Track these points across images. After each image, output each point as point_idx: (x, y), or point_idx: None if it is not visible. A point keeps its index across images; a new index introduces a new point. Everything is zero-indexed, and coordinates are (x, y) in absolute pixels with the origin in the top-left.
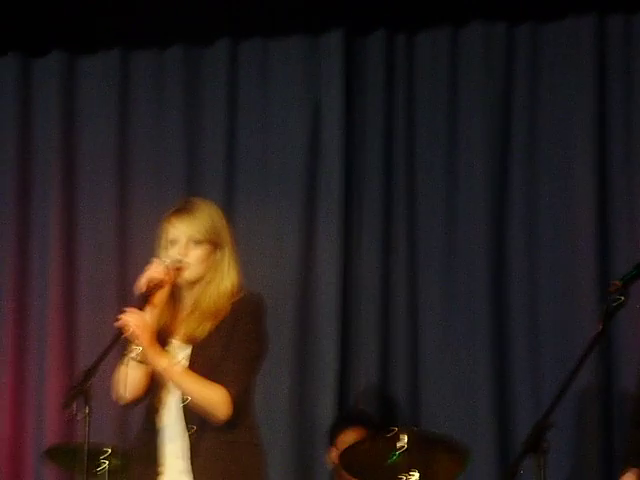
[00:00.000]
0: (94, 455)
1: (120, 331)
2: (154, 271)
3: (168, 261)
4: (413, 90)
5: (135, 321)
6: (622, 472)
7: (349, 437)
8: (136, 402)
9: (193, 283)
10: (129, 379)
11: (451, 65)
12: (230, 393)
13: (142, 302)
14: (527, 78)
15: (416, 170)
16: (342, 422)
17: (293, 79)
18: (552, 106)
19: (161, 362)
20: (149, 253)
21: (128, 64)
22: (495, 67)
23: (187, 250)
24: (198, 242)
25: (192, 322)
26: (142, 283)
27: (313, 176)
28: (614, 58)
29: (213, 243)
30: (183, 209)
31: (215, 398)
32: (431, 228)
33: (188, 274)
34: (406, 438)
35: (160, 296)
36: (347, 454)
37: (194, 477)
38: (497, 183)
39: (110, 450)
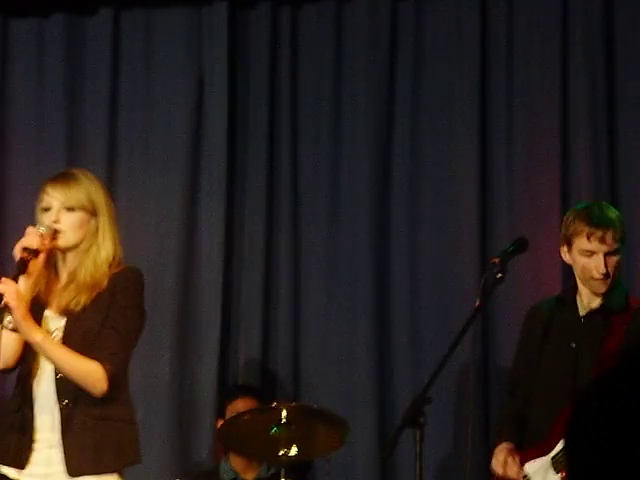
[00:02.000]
0: None
1: None
2: (29, 239)
3: (42, 229)
4: (298, 63)
5: (9, 291)
6: (497, 444)
7: (239, 407)
8: (8, 371)
9: (68, 252)
10: (3, 347)
11: (336, 37)
12: (107, 368)
13: (17, 271)
14: (411, 50)
15: (300, 142)
16: (233, 392)
17: (177, 51)
18: (435, 76)
19: (35, 335)
20: (27, 223)
21: (7, 32)
22: (380, 39)
23: (59, 216)
24: (71, 209)
25: (68, 293)
26: (17, 251)
27: (197, 150)
28: (496, 29)
29: (88, 211)
30: (57, 177)
31: (91, 373)
32: (314, 198)
33: (62, 241)
34: (286, 412)
35: (35, 265)
36: (227, 427)
37: (65, 451)
38: (381, 152)
39: None
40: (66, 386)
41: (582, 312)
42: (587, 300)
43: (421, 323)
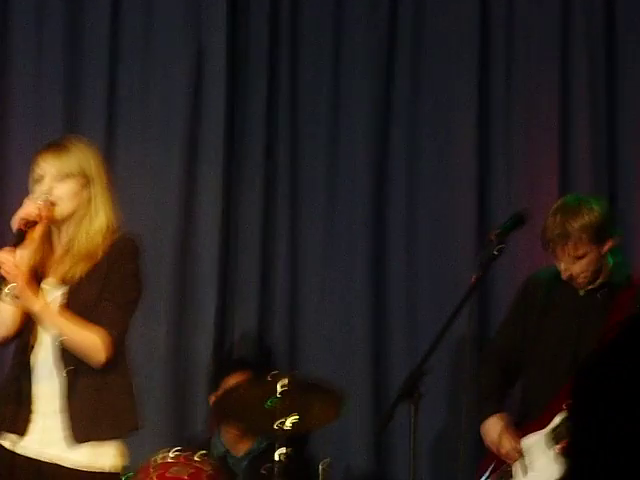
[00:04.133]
0: None
1: None
2: (26, 210)
3: (40, 199)
4: (298, 34)
5: (8, 261)
6: (484, 416)
7: (231, 382)
8: (7, 341)
9: (64, 221)
10: (2, 317)
11: (336, 5)
12: (106, 339)
13: (17, 240)
14: (412, 23)
15: (299, 113)
16: (228, 367)
17: (176, 24)
18: (434, 51)
19: (36, 303)
20: (27, 193)
21: (7, 3)
22: (379, 25)
23: (53, 185)
24: (65, 177)
25: (66, 262)
26: (16, 221)
27: (195, 120)
28: (497, 11)
29: (82, 179)
30: (50, 146)
31: (92, 342)
32: (313, 172)
33: (58, 210)
34: (283, 383)
35: (34, 234)
36: (223, 399)
37: (67, 417)
38: (378, 136)
39: None
40: (70, 354)
41: (581, 291)
42: None
43: (418, 297)
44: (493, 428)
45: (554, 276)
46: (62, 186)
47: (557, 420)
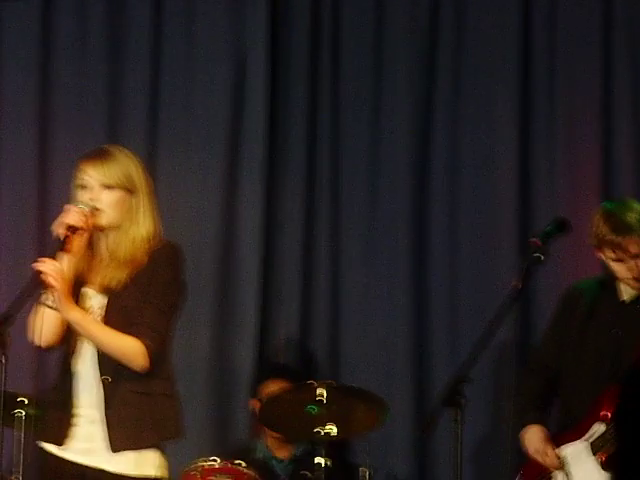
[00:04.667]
0: (10, 404)
1: (37, 278)
2: (70, 216)
3: (83, 206)
4: (339, 43)
5: (51, 269)
6: (524, 425)
7: (271, 389)
8: (51, 349)
9: (108, 230)
10: (44, 326)
11: (377, 17)
12: (147, 344)
13: (58, 249)
14: (453, 32)
15: (340, 118)
16: (264, 374)
17: (218, 30)
18: (476, 59)
19: (74, 314)
20: (68, 202)
21: (51, 11)
22: (421, 26)
23: (98, 195)
24: (109, 187)
25: (108, 271)
26: (59, 227)
27: (237, 129)
28: (538, 13)
29: (126, 189)
30: (94, 154)
31: (130, 350)
32: (354, 186)
33: (102, 219)
34: (324, 391)
35: (77, 243)
36: (266, 406)
37: (108, 427)
38: (420, 137)
39: (26, 400)
40: (107, 362)
41: (626, 297)
42: (628, 287)
43: (460, 303)
44: (535, 437)
45: (596, 285)
46: (107, 195)
47: (596, 428)
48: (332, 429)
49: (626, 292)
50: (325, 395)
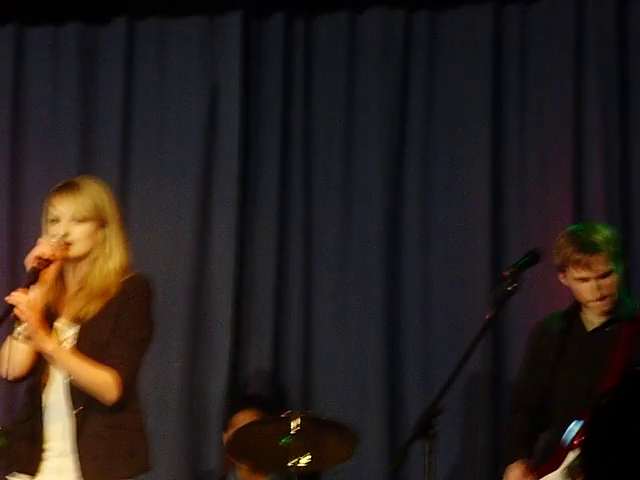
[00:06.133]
0: None
1: (9, 308)
2: (41, 249)
3: (55, 239)
4: (311, 74)
5: (22, 302)
6: (507, 465)
7: (242, 420)
8: (18, 381)
9: (79, 260)
10: (15, 357)
11: (349, 50)
12: (119, 376)
13: (30, 280)
14: (424, 64)
15: (312, 150)
16: (235, 405)
17: (191, 60)
18: (448, 91)
19: (48, 344)
20: (40, 233)
21: (23, 40)
22: (393, 53)
23: (69, 229)
24: (80, 220)
25: (78, 301)
26: (30, 260)
27: (210, 159)
28: (510, 45)
29: (97, 221)
30: (63, 188)
31: (102, 382)
32: (326, 217)
33: (73, 251)
34: (297, 422)
35: (48, 274)
36: (236, 437)
37: (79, 459)
38: (392, 160)
39: None
40: (78, 395)
41: (589, 327)
42: (592, 316)
43: (432, 335)
44: (516, 471)
45: (560, 318)
46: (78, 228)
47: (570, 457)
48: (304, 460)
49: (590, 323)
50: (296, 426)
